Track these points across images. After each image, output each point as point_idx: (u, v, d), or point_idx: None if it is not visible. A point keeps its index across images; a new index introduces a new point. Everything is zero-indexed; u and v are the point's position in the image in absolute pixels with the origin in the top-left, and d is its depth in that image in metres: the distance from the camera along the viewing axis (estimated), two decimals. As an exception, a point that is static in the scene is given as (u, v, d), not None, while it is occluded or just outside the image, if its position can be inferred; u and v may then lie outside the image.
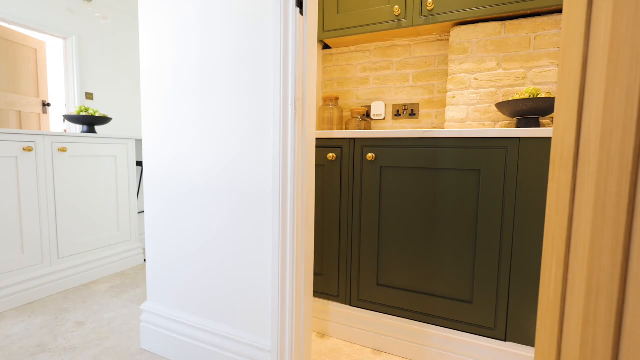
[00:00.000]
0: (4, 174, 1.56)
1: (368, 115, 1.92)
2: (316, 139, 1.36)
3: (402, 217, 1.23)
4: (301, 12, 0.95)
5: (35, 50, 3.42)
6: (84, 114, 2.14)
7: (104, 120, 2.21)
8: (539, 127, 1.41)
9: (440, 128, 1.71)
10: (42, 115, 3.55)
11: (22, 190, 1.62)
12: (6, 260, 1.57)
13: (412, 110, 1.81)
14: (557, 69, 1.44)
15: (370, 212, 1.28)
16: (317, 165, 1.37)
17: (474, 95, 1.57)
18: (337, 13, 1.72)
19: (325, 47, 2.01)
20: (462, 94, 1.60)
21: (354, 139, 1.29)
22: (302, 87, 0.96)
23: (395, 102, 1.86)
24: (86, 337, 1.34)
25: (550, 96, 1.29)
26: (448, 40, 1.71)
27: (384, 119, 1.89)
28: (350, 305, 1.34)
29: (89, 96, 3.75)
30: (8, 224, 1.58)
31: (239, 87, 1.03)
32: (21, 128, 3.28)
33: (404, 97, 1.84)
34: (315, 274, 1.40)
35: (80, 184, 1.89)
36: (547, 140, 1.02)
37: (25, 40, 3.27)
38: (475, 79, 1.57)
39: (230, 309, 1.10)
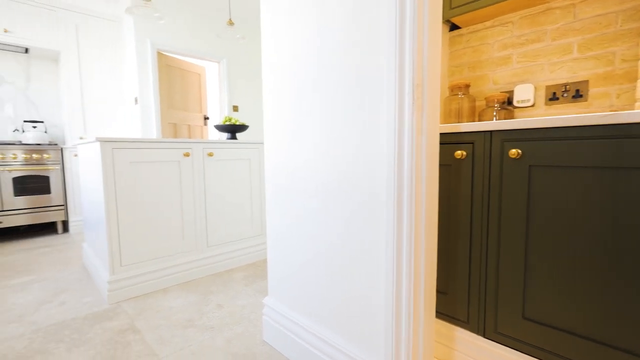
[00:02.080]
0: (171, 175, 1.93)
1: (509, 102, 1.57)
2: (440, 134, 1.16)
3: (563, 231, 0.92)
4: (421, -16, 0.80)
5: (199, 74, 4.22)
6: (227, 123, 2.49)
7: (242, 127, 2.52)
8: None
9: (626, 110, 1.24)
10: (203, 127, 4.35)
11: (182, 188, 1.98)
12: (171, 245, 1.95)
13: (578, 90, 1.38)
14: None
15: (513, 223, 1.01)
16: (441, 165, 1.17)
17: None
18: (468, -16, 1.46)
19: (453, 28, 1.75)
20: (667, 59, 1.11)
21: (491, 131, 1.04)
22: (421, 71, 0.81)
23: (550, 83, 1.46)
24: (223, 320, 1.52)
25: None
26: (640, -14, 1.22)
27: (533, 105, 1.51)
28: (484, 337, 1.09)
29: (235, 108, 4.40)
30: (174, 215, 1.95)
31: (350, 81, 0.95)
32: (190, 138, 4.07)
33: (564, 75, 1.42)
34: (438, 291, 1.21)
35: (222, 183, 2.19)
36: None
37: (192, 67, 4.08)
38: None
39: (341, 319, 1.04)
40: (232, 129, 2.48)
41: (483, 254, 1.08)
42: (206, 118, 4.27)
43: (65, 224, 3.43)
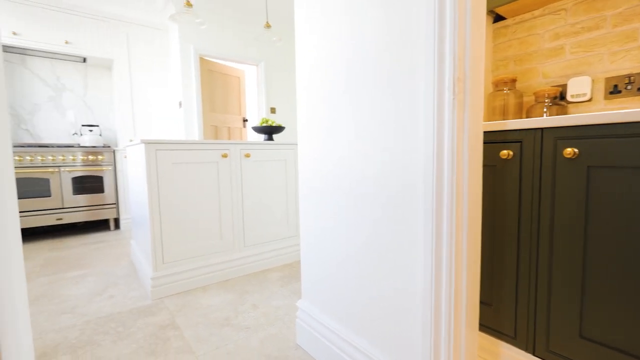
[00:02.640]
0: (209, 175, 2.00)
1: (562, 97, 1.44)
2: (484, 132, 1.08)
3: (629, 242, 0.81)
4: (462, -28, 0.74)
5: (239, 78, 4.35)
6: (264, 124, 2.53)
7: (279, 129, 2.55)
8: None
9: None
10: (242, 129, 4.48)
11: (220, 188, 2.04)
12: (210, 244, 2.01)
13: (646, 81, 1.22)
14: None
15: (568, 231, 0.91)
16: (484, 166, 1.09)
17: None
18: (515, -29, 1.35)
19: (497, 19, 1.63)
20: None
21: (543, 128, 0.95)
22: (464, 63, 0.75)
23: (610, 74, 1.31)
24: (258, 320, 1.54)
25: None
26: None
27: (590, 99, 1.37)
28: (534, 354, 1.00)
29: (273, 110, 4.48)
30: (212, 215, 2.01)
31: (384, 77, 0.91)
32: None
33: (627, 65, 1.27)
34: (481, 302, 1.13)
35: (259, 184, 2.23)
36: None
37: (232, 71, 4.21)
38: None
39: (375, 327, 1.00)
40: (269, 130, 2.52)
41: (533, 263, 0.99)
42: (245, 120, 4.40)
43: (117, 221, 3.70)
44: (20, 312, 0.67)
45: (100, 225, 3.80)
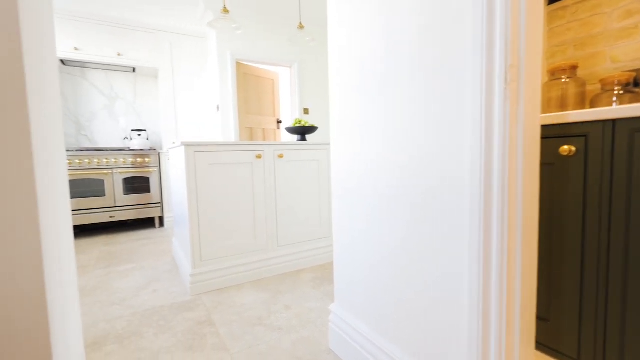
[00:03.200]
0: (244, 176, 2.02)
1: (636, 83, 1.25)
2: (541, 125, 0.96)
3: None
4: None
5: (273, 80, 4.41)
6: (297, 125, 2.52)
7: (311, 129, 2.52)
8: None
9: None
10: (277, 131, 4.53)
11: (255, 188, 2.05)
12: (245, 243, 2.03)
13: None
14: None
15: (648, 239, 0.77)
16: (541, 164, 0.97)
17: None
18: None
19: (552, 1, 1.47)
20: None
21: (615, 120, 0.82)
22: (517, 48, 0.66)
23: (699, 54, 1.11)
24: (290, 321, 1.51)
25: None
26: None
27: (672, 85, 1.17)
28: (605, 380, 0.87)
29: (306, 111, 4.49)
30: (247, 214, 2.03)
31: (422, 68, 0.83)
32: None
33: None
34: (538, 318, 1.00)
35: (292, 184, 2.22)
36: None
37: (267, 74, 4.28)
38: None
39: (411, 338, 0.92)
40: (302, 131, 2.51)
41: (602, 274, 0.86)
42: (279, 122, 4.44)
43: (161, 220, 3.90)
44: (70, 306, 0.69)
45: (147, 223, 4.03)
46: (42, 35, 0.61)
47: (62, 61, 3.54)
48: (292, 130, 2.51)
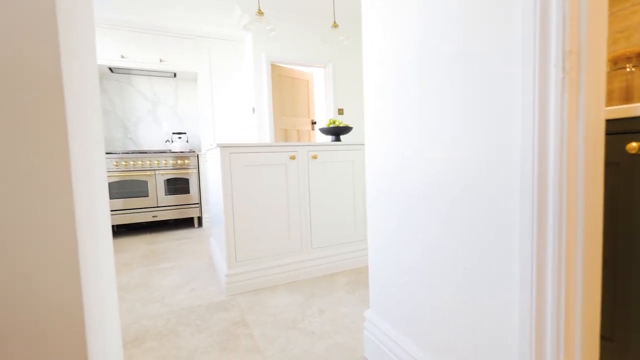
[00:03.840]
0: (278, 177, 2.02)
1: None
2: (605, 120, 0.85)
3: None
4: None
5: (307, 81, 4.42)
6: (331, 125, 2.49)
7: (346, 129, 2.49)
8: None
9: None
10: (311, 132, 4.54)
11: (288, 189, 2.05)
12: (279, 245, 2.04)
13: None
14: None
15: None
16: (605, 163, 0.86)
17: None
18: None
19: (616, -19, 1.32)
20: None
21: (698, 111, 0.70)
22: (577, 31, 0.58)
23: None
24: (323, 326, 1.49)
25: None
26: None
27: None
28: (688, 416, 0.74)
29: (340, 111, 4.45)
30: (281, 216, 2.04)
31: (468, 54, 0.76)
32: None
33: None
34: (601, 337, 0.89)
35: (326, 185, 2.19)
36: None
37: (301, 75, 4.30)
38: None
39: (452, 351, 0.86)
40: (336, 131, 2.48)
41: (682, 292, 0.74)
42: (313, 122, 4.45)
43: (200, 220, 4.05)
44: (108, 304, 0.72)
45: (186, 223, 4.21)
46: (81, 42, 0.63)
47: (110, 69, 3.79)
48: (326, 131, 2.49)
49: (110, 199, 3.46)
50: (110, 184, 3.45)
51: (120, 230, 3.84)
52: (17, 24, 0.48)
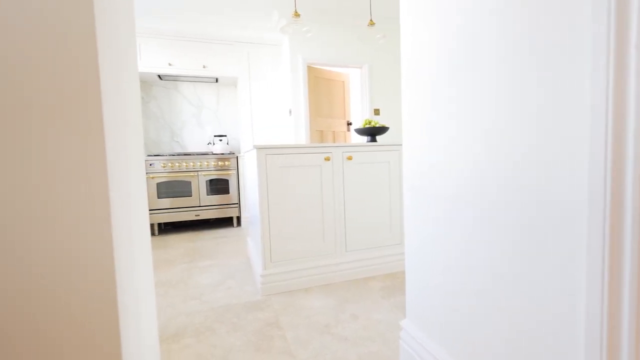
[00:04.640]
0: (313, 178, 2.01)
1: None
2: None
3: None
4: None
5: (343, 82, 4.39)
6: (367, 126, 2.44)
7: (382, 130, 2.42)
8: None
9: None
10: (347, 133, 4.50)
11: (323, 191, 2.03)
12: (313, 247, 2.02)
13: None
14: None
15: None
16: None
17: None
18: None
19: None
20: None
21: None
22: (661, 8, 0.49)
23: None
24: (356, 332, 1.44)
25: None
26: None
27: None
28: None
29: (377, 112, 4.36)
30: (315, 217, 2.02)
31: (514, 37, 0.69)
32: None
33: None
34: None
35: (361, 187, 2.14)
36: None
37: (337, 76, 4.28)
38: None
39: (504, 372, 0.77)
40: (372, 132, 2.42)
41: None
42: (349, 123, 4.40)
43: (238, 219, 4.18)
44: (144, 302, 0.75)
45: (226, 222, 4.36)
46: (120, 49, 0.65)
47: (159, 76, 4.04)
48: (362, 132, 2.44)
49: (159, 198, 3.67)
50: (158, 184, 3.67)
51: (167, 228, 4.07)
52: (60, 48, 0.51)
